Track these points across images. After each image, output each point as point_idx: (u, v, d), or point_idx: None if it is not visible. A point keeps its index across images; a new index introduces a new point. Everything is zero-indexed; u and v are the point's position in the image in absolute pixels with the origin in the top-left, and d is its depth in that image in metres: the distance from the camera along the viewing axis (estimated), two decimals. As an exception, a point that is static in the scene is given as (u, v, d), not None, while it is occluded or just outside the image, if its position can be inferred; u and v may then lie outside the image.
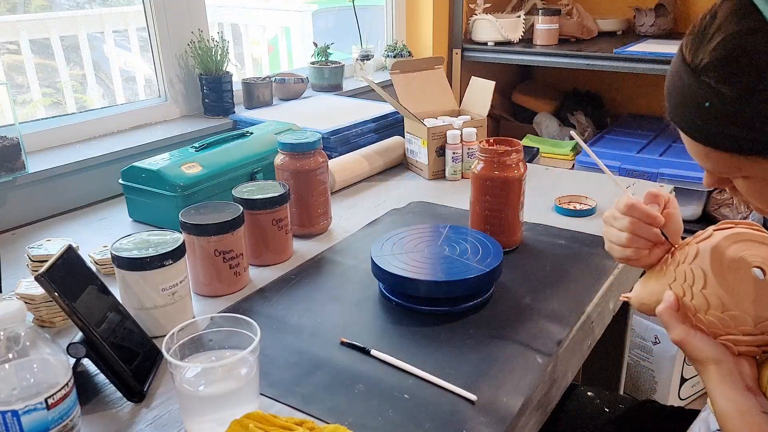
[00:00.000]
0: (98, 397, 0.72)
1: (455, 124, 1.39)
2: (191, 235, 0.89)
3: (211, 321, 0.69)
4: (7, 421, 0.57)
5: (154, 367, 0.76)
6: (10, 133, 1.17)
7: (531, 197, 1.23)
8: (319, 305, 0.90)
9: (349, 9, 2.00)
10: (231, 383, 0.65)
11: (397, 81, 1.47)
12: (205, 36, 1.58)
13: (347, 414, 0.68)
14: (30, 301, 0.84)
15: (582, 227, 1.13)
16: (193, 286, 0.93)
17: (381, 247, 0.93)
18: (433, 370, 0.74)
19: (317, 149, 1.08)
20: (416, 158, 1.42)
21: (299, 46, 2.71)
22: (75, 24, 1.81)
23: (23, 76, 1.66)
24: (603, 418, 1.01)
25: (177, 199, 1.09)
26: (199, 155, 1.17)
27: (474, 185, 1.03)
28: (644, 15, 2.33)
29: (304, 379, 0.74)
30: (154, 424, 0.68)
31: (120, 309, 0.77)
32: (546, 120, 2.57)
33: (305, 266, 1.01)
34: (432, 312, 0.87)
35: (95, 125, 1.44)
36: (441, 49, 2.33)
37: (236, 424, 0.61)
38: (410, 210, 1.23)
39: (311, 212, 1.10)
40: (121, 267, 0.79)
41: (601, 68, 2.12)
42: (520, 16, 2.32)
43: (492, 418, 0.67)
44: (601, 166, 0.83)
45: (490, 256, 0.90)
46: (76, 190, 1.30)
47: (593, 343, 0.93)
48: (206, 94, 1.58)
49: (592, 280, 0.95)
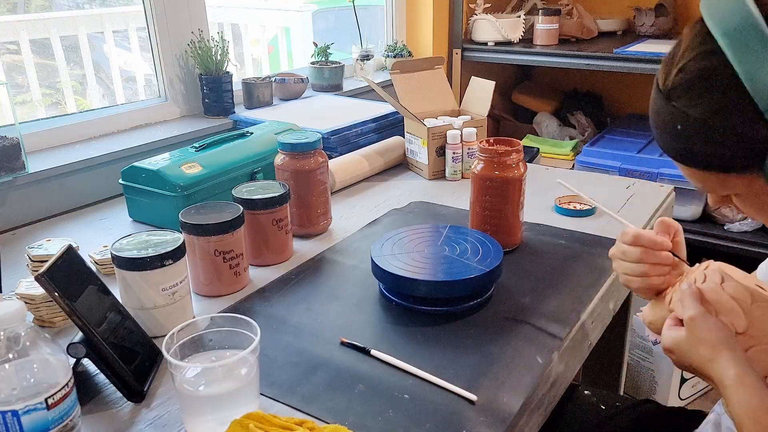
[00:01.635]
0: (98, 397, 0.72)
1: (455, 124, 1.39)
2: (191, 235, 0.89)
3: (211, 321, 0.69)
4: (7, 421, 0.57)
5: (154, 367, 0.76)
6: (10, 133, 1.17)
7: (531, 197, 1.23)
8: (319, 305, 0.90)
9: (349, 9, 2.00)
10: (231, 383, 0.65)
11: (397, 81, 1.47)
12: (205, 36, 1.58)
13: (347, 414, 0.68)
14: (30, 301, 0.84)
15: (582, 227, 1.13)
16: (193, 286, 0.93)
17: (381, 247, 0.93)
18: (433, 370, 0.74)
19: (317, 149, 1.08)
20: (416, 158, 1.42)
21: (299, 46, 2.71)
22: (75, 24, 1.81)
23: (23, 76, 1.66)
24: (603, 418, 1.01)
25: (177, 199, 1.09)
26: (199, 155, 1.17)
27: (474, 185, 1.03)
28: (644, 15, 2.33)
29: (304, 379, 0.74)
30: (154, 424, 0.68)
31: (120, 309, 0.77)
32: (546, 120, 2.57)
33: (305, 266, 1.01)
34: (432, 312, 0.87)
35: (95, 125, 1.44)
36: (441, 49, 2.33)
37: (236, 424, 0.61)
38: (410, 210, 1.23)
39: (311, 212, 1.10)
40: (121, 267, 0.79)
41: (601, 68, 2.12)
42: (520, 16, 2.32)
43: (492, 418, 0.67)
44: (598, 206, 0.87)
45: (490, 256, 0.90)
46: (76, 190, 1.30)
47: (593, 343, 0.93)
48: (206, 94, 1.58)
49: (592, 280, 0.95)
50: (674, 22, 2.36)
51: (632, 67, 2.04)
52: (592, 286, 0.94)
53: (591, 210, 1.19)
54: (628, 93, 2.67)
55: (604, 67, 2.10)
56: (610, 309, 0.99)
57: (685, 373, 1.88)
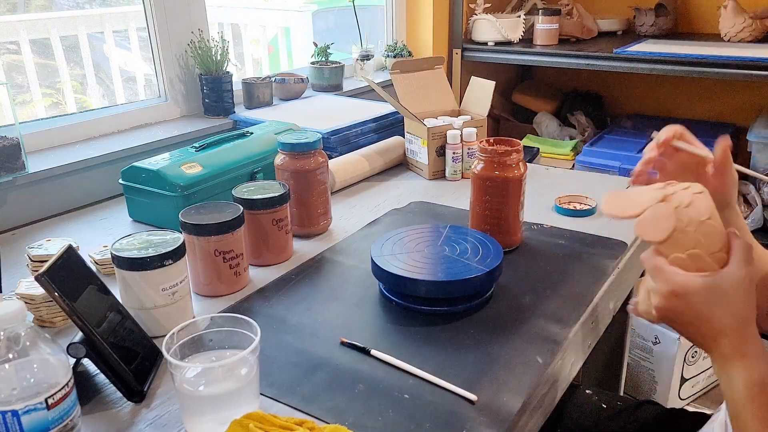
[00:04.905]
0: (98, 397, 0.72)
1: (455, 124, 1.39)
2: (191, 235, 0.89)
3: (211, 321, 0.69)
4: (7, 421, 0.57)
5: (154, 367, 0.76)
6: (10, 133, 1.17)
7: (531, 197, 1.23)
8: (319, 305, 0.90)
9: (349, 9, 2.00)
10: (231, 383, 0.65)
11: (397, 81, 1.46)
12: (205, 36, 1.58)
13: (347, 414, 0.68)
14: (30, 301, 0.84)
15: (582, 227, 1.13)
16: (193, 286, 0.93)
17: (381, 247, 0.93)
18: (433, 370, 0.74)
19: (317, 149, 1.08)
20: (416, 158, 1.42)
21: (299, 46, 2.71)
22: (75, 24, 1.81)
23: (23, 76, 1.66)
24: (603, 418, 1.01)
25: (177, 199, 1.09)
26: (199, 155, 1.18)
27: (474, 185, 1.03)
28: (644, 15, 2.33)
29: (304, 379, 0.74)
30: (154, 424, 0.68)
31: (120, 309, 0.77)
32: (546, 120, 2.57)
33: (305, 266, 1.01)
34: (432, 312, 0.87)
35: (95, 125, 1.44)
36: (441, 49, 2.33)
37: (236, 424, 0.61)
38: (410, 210, 1.23)
39: (311, 212, 1.10)
40: (121, 267, 0.79)
41: (601, 68, 2.12)
42: (520, 16, 2.32)
43: (492, 418, 0.67)
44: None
45: (490, 256, 0.90)
46: (76, 190, 1.30)
47: (593, 343, 0.93)
48: (206, 94, 1.58)
49: (592, 280, 0.95)
50: (674, 22, 2.36)
51: (632, 67, 2.04)
52: (592, 286, 0.94)
53: (591, 210, 1.19)
54: (628, 93, 2.67)
55: (604, 67, 2.10)
56: (610, 309, 0.99)
57: (685, 373, 1.88)
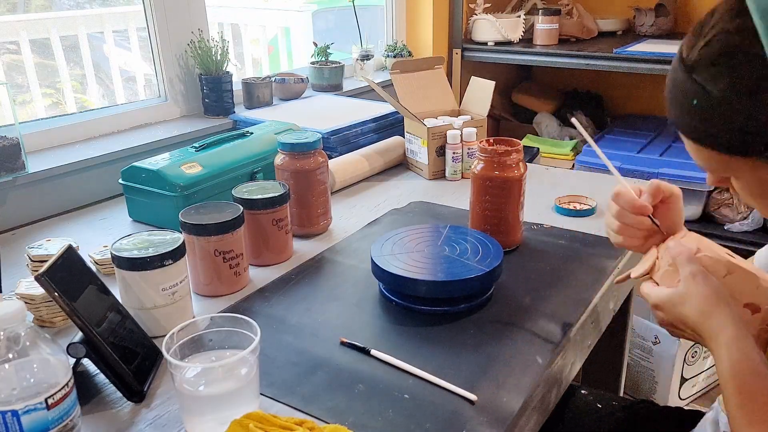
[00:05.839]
0: (98, 397, 0.72)
1: (455, 124, 1.39)
2: (191, 235, 0.89)
3: (211, 321, 0.69)
4: (7, 421, 0.57)
5: (154, 367, 0.76)
6: (10, 133, 1.17)
7: (531, 197, 1.23)
8: (319, 305, 0.90)
9: (349, 9, 2.00)
10: (231, 383, 0.65)
11: (397, 81, 1.46)
12: (205, 36, 1.58)
13: (347, 414, 0.68)
14: (30, 301, 0.84)
15: (582, 227, 1.13)
16: (193, 286, 0.93)
17: (381, 247, 0.93)
18: (433, 370, 0.74)
19: (317, 149, 1.08)
20: (416, 158, 1.42)
21: (299, 46, 2.71)
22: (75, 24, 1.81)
23: (23, 76, 1.66)
24: (603, 418, 1.01)
25: (177, 199, 1.09)
26: (199, 155, 1.17)
27: (474, 185, 1.03)
28: (644, 15, 2.33)
29: (304, 379, 0.74)
30: (154, 424, 0.68)
31: (120, 309, 0.77)
32: (546, 120, 2.57)
33: (305, 266, 1.01)
34: (432, 312, 0.87)
35: (95, 125, 1.44)
36: (441, 49, 2.33)
37: (236, 424, 0.61)
38: (410, 210, 1.23)
39: (311, 212, 1.10)
40: (121, 267, 0.79)
41: (601, 68, 2.12)
42: (520, 16, 2.32)
43: (492, 418, 0.67)
44: (599, 153, 0.87)
45: (490, 256, 0.90)
46: (76, 190, 1.30)
47: (593, 343, 0.93)
48: (206, 94, 1.58)
49: (592, 280, 0.95)
50: (674, 22, 2.37)
51: (632, 67, 2.04)
52: (592, 286, 0.94)
53: (591, 210, 1.19)
54: (628, 93, 2.67)
55: (604, 67, 2.10)
56: (610, 309, 0.99)
57: (685, 373, 1.88)
